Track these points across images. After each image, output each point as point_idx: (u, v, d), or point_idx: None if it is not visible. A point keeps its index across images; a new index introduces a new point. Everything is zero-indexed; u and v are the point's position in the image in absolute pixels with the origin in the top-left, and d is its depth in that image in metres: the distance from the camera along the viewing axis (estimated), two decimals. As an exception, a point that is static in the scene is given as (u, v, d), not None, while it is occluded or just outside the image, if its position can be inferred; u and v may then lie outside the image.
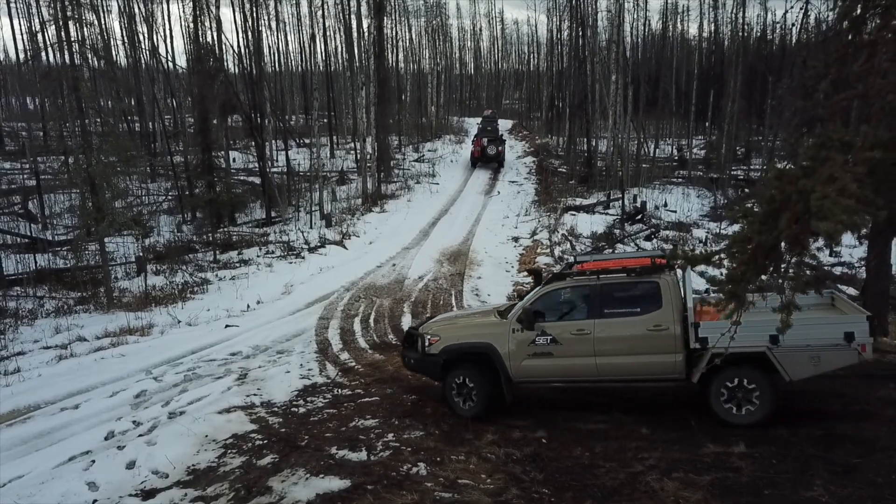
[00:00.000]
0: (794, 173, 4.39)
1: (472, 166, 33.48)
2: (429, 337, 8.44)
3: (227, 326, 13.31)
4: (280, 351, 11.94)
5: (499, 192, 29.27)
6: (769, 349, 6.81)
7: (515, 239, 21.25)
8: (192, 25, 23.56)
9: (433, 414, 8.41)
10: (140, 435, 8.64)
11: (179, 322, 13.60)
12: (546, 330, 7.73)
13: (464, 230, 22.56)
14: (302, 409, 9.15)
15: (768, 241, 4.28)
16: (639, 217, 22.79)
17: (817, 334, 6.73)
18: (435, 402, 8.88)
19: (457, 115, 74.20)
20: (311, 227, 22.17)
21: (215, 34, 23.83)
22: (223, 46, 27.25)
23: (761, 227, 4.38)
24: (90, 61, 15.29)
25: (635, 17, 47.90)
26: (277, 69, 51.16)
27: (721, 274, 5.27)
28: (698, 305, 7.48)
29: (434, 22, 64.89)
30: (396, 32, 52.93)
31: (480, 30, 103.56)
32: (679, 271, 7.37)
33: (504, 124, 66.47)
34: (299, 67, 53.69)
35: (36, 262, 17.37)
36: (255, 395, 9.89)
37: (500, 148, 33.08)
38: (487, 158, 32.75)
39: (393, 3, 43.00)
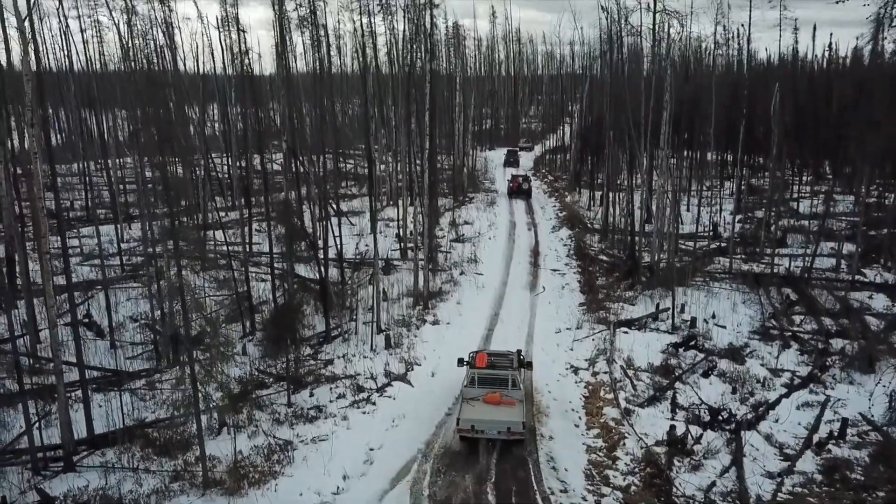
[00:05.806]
0: None
1: (509, 197, 49.86)
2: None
3: (326, 524, 13.90)
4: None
5: (543, 289, 29.81)
6: None
7: (575, 371, 21.77)
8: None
9: None
10: None
11: (279, 514, 14.16)
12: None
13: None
14: None
15: None
16: (692, 343, 23.21)
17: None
18: None
19: (477, 146, 74.41)
20: (371, 349, 22.71)
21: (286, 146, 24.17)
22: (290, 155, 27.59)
23: None
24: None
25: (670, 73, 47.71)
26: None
27: None
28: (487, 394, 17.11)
29: (455, 46, 64.93)
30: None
31: (499, 55, 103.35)
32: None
33: (524, 160, 69.25)
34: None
35: (122, 407, 17.96)
36: None
37: (529, 185, 50.78)
38: (521, 191, 49.49)
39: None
